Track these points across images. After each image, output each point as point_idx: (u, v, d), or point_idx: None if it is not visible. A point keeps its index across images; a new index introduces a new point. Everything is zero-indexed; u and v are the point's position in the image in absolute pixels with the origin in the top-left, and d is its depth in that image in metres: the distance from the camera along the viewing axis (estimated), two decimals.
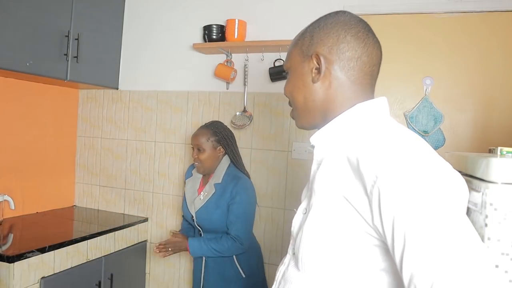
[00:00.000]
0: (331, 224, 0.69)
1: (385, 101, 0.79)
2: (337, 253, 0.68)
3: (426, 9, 1.94)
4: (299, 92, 0.81)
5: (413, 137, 0.68)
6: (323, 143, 0.78)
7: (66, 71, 2.16)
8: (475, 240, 0.57)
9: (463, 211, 0.61)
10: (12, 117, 2.26)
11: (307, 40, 0.80)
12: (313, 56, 0.78)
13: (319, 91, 0.78)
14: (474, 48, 1.90)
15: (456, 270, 0.53)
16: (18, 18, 1.89)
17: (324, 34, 0.78)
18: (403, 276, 0.58)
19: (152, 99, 2.51)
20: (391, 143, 0.65)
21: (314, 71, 0.78)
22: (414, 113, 1.98)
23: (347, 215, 0.67)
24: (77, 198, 2.73)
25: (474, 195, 0.95)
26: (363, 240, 0.66)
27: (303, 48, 0.80)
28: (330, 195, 0.70)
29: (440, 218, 0.57)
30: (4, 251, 1.69)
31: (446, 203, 0.58)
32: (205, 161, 1.80)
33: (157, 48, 2.50)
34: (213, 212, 1.76)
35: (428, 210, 0.57)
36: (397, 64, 2.00)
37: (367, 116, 0.75)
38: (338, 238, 0.68)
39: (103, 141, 2.66)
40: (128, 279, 2.32)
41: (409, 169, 0.60)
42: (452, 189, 0.61)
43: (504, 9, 1.84)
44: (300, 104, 0.82)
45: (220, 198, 1.76)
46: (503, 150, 1.02)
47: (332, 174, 0.72)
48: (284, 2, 2.19)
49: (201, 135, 1.82)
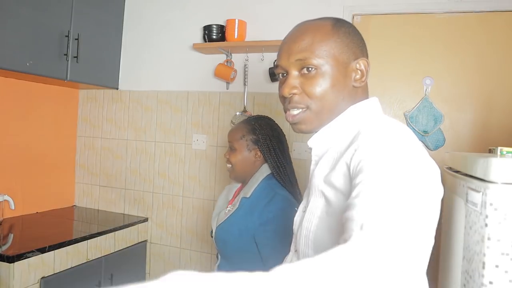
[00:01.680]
0: (325, 218, 0.71)
1: (376, 101, 0.81)
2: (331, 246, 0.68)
3: (426, 9, 1.94)
4: (338, 93, 0.75)
5: (400, 128, 0.69)
6: (320, 144, 0.79)
7: (66, 71, 2.16)
8: (422, 218, 0.55)
9: (429, 198, 0.59)
10: (12, 117, 2.26)
11: (357, 42, 0.78)
12: (361, 60, 0.77)
13: (353, 95, 0.77)
14: (474, 48, 1.90)
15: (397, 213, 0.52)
16: (18, 18, 1.89)
17: (359, 40, 0.79)
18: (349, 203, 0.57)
19: (152, 99, 2.51)
20: (374, 133, 0.67)
21: (356, 75, 0.77)
22: (414, 113, 1.98)
23: (339, 206, 0.67)
24: (77, 198, 2.73)
25: (474, 195, 0.95)
26: None
27: (351, 45, 0.76)
28: (323, 189, 0.72)
29: (401, 174, 0.57)
30: (4, 251, 1.69)
31: (413, 179, 0.57)
32: (237, 164, 1.42)
33: (157, 48, 2.50)
34: (230, 234, 1.36)
35: (393, 164, 0.58)
36: (397, 64, 2.00)
37: (360, 115, 0.77)
38: (331, 232, 0.69)
39: (103, 141, 2.66)
40: (128, 279, 2.32)
41: (386, 146, 0.62)
42: (425, 174, 0.60)
43: (504, 9, 1.84)
44: (331, 106, 0.76)
45: (244, 218, 1.34)
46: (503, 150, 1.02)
47: (325, 168, 0.74)
48: (284, 2, 2.19)
49: (235, 131, 1.45)
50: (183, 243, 2.43)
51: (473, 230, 0.96)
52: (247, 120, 1.48)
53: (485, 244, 0.88)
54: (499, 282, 0.87)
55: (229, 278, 0.35)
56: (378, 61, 2.03)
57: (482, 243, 0.90)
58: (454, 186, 1.19)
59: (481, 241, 0.90)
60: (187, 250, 2.42)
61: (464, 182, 1.05)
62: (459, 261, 1.07)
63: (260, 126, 1.43)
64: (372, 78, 2.02)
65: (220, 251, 1.43)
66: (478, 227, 0.93)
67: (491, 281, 0.88)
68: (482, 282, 0.89)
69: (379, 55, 2.03)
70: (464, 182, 1.06)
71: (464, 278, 1.02)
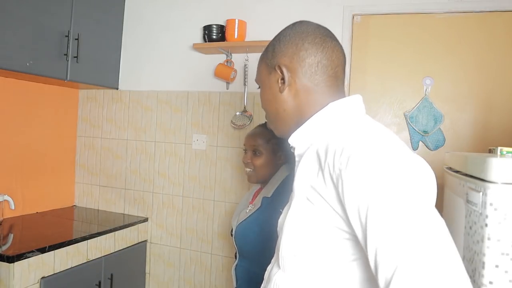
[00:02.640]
0: (305, 221, 0.71)
1: (358, 99, 0.81)
2: (312, 250, 0.71)
3: (426, 9, 1.94)
4: (271, 104, 0.85)
5: (380, 132, 0.70)
6: (300, 143, 0.81)
7: (66, 71, 2.16)
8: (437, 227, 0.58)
9: (428, 201, 0.61)
10: (12, 117, 2.26)
11: (270, 53, 0.85)
12: (276, 67, 0.82)
13: (288, 99, 0.82)
14: (474, 48, 1.90)
15: (419, 256, 0.54)
16: (18, 18, 1.89)
17: (284, 45, 0.82)
18: (372, 265, 0.59)
19: (152, 99, 2.51)
20: (356, 136, 0.67)
21: (280, 82, 0.82)
22: (414, 113, 1.98)
23: (317, 208, 0.69)
24: (77, 198, 2.73)
25: (474, 195, 0.95)
26: (334, 235, 0.68)
27: (267, 61, 0.85)
28: (303, 189, 0.73)
29: (401, 205, 0.58)
30: (4, 251, 1.69)
31: (408, 192, 0.59)
32: (261, 168, 1.45)
33: (157, 48, 2.50)
34: (251, 231, 1.40)
35: (388, 198, 0.58)
36: (397, 64, 2.00)
37: (339, 113, 0.77)
38: (312, 235, 0.70)
39: (103, 141, 2.66)
40: (128, 279, 2.32)
41: (370, 160, 0.62)
42: (416, 180, 0.61)
43: (504, 9, 1.84)
44: (274, 115, 0.86)
45: (267, 214, 1.35)
46: (503, 150, 1.02)
47: (305, 169, 0.75)
48: (284, 2, 2.19)
49: (260, 135, 1.46)
50: (183, 243, 2.43)
51: (473, 230, 0.96)
52: (264, 125, 1.48)
53: (485, 244, 0.88)
54: (499, 282, 0.87)
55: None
56: (378, 61, 2.03)
57: (482, 243, 0.90)
58: (454, 186, 1.19)
59: (481, 241, 0.90)
60: (187, 250, 2.42)
61: (464, 182, 1.06)
62: None
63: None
64: (372, 78, 2.03)
65: (239, 249, 1.45)
66: (478, 227, 0.93)
67: (491, 281, 0.88)
68: (482, 282, 0.89)
69: (379, 55, 2.03)
70: (464, 182, 1.06)
71: None
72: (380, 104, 2.03)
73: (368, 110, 0.86)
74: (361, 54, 2.05)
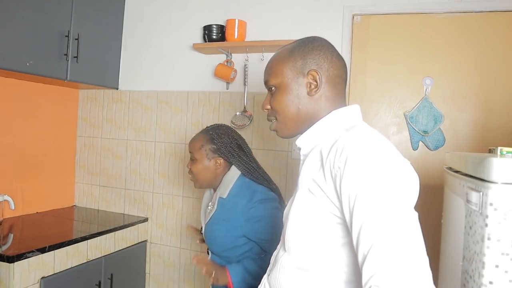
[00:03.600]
0: (307, 208, 0.83)
1: (357, 108, 0.93)
2: (311, 234, 0.83)
3: (426, 9, 1.94)
4: (293, 105, 0.92)
5: (375, 137, 0.80)
6: (306, 144, 0.92)
7: (66, 71, 2.16)
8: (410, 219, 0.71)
9: (407, 199, 0.74)
10: (12, 117, 2.26)
11: (299, 59, 0.92)
12: (310, 73, 0.91)
13: (311, 103, 0.92)
14: (474, 48, 1.90)
15: (391, 238, 0.67)
16: (18, 18, 1.89)
17: (316, 55, 0.91)
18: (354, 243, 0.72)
19: (152, 99, 2.51)
20: (354, 140, 0.78)
21: (310, 86, 0.91)
22: (414, 113, 1.98)
23: (318, 198, 0.81)
24: (77, 198, 2.73)
25: (474, 195, 0.95)
26: (328, 220, 0.80)
27: (296, 65, 0.92)
28: (307, 183, 0.85)
29: (383, 197, 0.70)
30: (4, 251, 1.69)
31: (391, 188, 0.71)
32: (198, 174, 1.46)
33: (157, 48, 2.50)
34: (217, 231, 1.43)
35: (373, 190, 0.71)
36: (397, 64, 2.00)
37: (341, 120, 0.90)
38: (312, 221, 0.82)
39: (103, 141, 2.66)
40: (128, 279, 2.32)
41: (364, 160, 0.74)
42: (400, 180, 0.74)
43: (504, 9, 1.84)
44: (293, 115, 0.93)
45: (227, 217, 1.40)
46: (503, 150, 1.02)
47: (309, 166, 0.87)
48: (284, 2, 2.19)
49: (194, 141, 1.48)
50: (183, 243, 2.43)
51: (473, 230, 0.96)
52: (205, 130, 1.51)
53: (485, 244, 0.88)
54: (499, 282, 0.87)
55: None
56: (378, 61, 2.03)
57: (482, 243, 0.90)
58: (454, 186, 1.19)
59: (481, 241, 0.90)
60: (187, 250, 2.42)
61: (464, 182, 1.06)
62: (459, 261, 1.07)
63: (218, 135, 1.46)
64: (372, 78, 2.03)
65: (209, 247, 1.49)
66: (478, 227, 0.93)
67: (491, 281, 0.88)
68: (482, 282, 0.89)
69: (379, 55, 2.03)
70: (464, 182, 1.06)
71: (464, 278, 1.02)
72: (380, 104, 2.03)
73: (368, 110, 0.88)
74: (361, 54, 2.05)
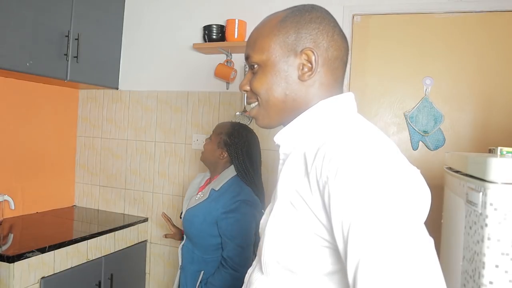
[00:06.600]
0: (287, 225, 0.67)
1: (350, 97, 0.75)
2: (293, 257, 0.67)
3: (426, 9, 1.94)
4: (278, 88, 0.73)
5: (373, 137, 0.64)
6: (287, 141, 0.75)
7: (66, 71, 2.16)
8: (419, 249, 0.54)
9: (415, 219, 0.57)
10: (12, 117, 2.26)
11: (292, 33, 0.72)
12: (305, 52, 0.71)
13: (303, 89, 0.73)
14: (474, 48, 1.90)
15: (398, 278, 0.51)
16: (18, 18, 1.89)
17: (314, 29, 0.72)
18: (350, 280, 0.56)
19: (152, 99, 2.51)
20: (347, 142, 0.62)
21: (303, 68, 0.72)
22: (414, 113, 1.98)
23: (300, 213, 0.65)
24: (77, 198, 2.73)
25: (474, 195, 0.95)
26: (313, 242, 0.64)
27: (287, 40, 0.72)
28: (287, 192, 0.68)
29: (384, 224, 0.54)
30: (4, 251, 1.69)
31: (394, 210, 0.55)
32: (205, 152, 1.63)
33: (157, 48, 2.50)
34: (197, 218, 1.55)
35: (373, 215, 0.55)
36: (397, 64, 2.00)
37: (330, 113, 0.72)
38: (294, 242, 0.66)
39: (103, 141, 2.66)
40: (128, 279, 2.32)
41: (359, 174, 0.57)
42: (405, 196, 0.57)
43: (504, 9, 1.84)
44: (278, 102, 0.74)
45: (210, 205, 1.52)
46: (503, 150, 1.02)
47: (290, 171, 0.69)
48: (284, 2, 2.17)
49: (220, 125, 1.65)
50: None
51: (473, 230, 0.96)
52: (233, 123, 1.63)
53: (485, 244, 0.88)
54: (499, 282, 0.87)
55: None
56: (378, 61, 2.03)
57: (482, 243, 0.90)
58: (454, 186, 1.19)
59: (481, 241, 0.90)
60: None
61: (464, 182, 1.06)
62: (459, 261, 1.07)
63: (238, 133, 1.58)
64: (372, 78, 2.03)
65: (186, 232, 1.61)
66: (478, 227, 0.93)
67: (491, 281, 0.88)
68: (482, 282, 0.89)
69: (379, 55, 2.03)
70: (464, 182, 1.06)
71: (464, 278, 1.02)
72: (380, 104, 2.03)
73: (368, 110, 0.86)
74: (361, 54, 2.05)
